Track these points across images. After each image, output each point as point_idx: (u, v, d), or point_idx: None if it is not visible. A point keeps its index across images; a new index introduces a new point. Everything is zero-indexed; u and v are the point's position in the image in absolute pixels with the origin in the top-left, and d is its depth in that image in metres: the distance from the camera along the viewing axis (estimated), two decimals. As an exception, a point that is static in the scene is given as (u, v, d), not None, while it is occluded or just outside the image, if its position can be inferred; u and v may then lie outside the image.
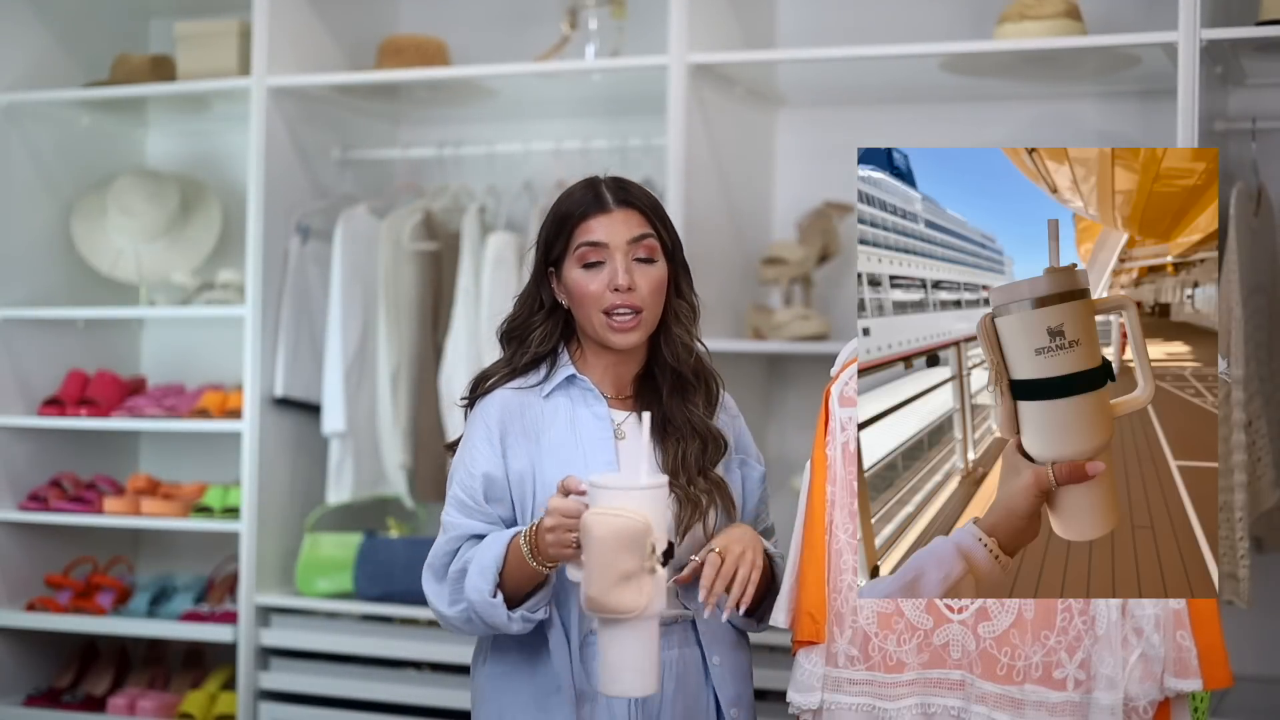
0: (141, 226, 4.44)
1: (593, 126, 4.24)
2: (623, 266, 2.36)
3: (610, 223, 2.38)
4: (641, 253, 2.38)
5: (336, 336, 4.16)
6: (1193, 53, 3.25)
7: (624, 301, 2.35)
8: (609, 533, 2.06)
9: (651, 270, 2.38)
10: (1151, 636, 2.23)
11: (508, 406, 2.41)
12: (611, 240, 2.37)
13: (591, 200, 2.39)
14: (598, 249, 2.37)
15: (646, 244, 2.38)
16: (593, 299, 2.36)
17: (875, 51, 3.62)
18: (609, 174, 2.47)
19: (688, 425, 2.42)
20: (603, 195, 2.40)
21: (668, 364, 2.43)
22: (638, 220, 2.39)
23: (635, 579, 2.06)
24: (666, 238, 2.42)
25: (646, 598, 2.07)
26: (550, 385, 2.42)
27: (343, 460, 4.18)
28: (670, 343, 2.43)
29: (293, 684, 4.10)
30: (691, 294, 2.47)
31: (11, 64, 4.36)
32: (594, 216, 2.38)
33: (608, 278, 2.36)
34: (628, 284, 2.35)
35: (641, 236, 2.38)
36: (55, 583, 4.38)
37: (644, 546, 2.06)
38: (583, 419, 2.40)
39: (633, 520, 2.05)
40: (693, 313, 2.46)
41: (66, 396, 4.39)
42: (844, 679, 2.40)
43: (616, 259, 2.36)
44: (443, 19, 4.44)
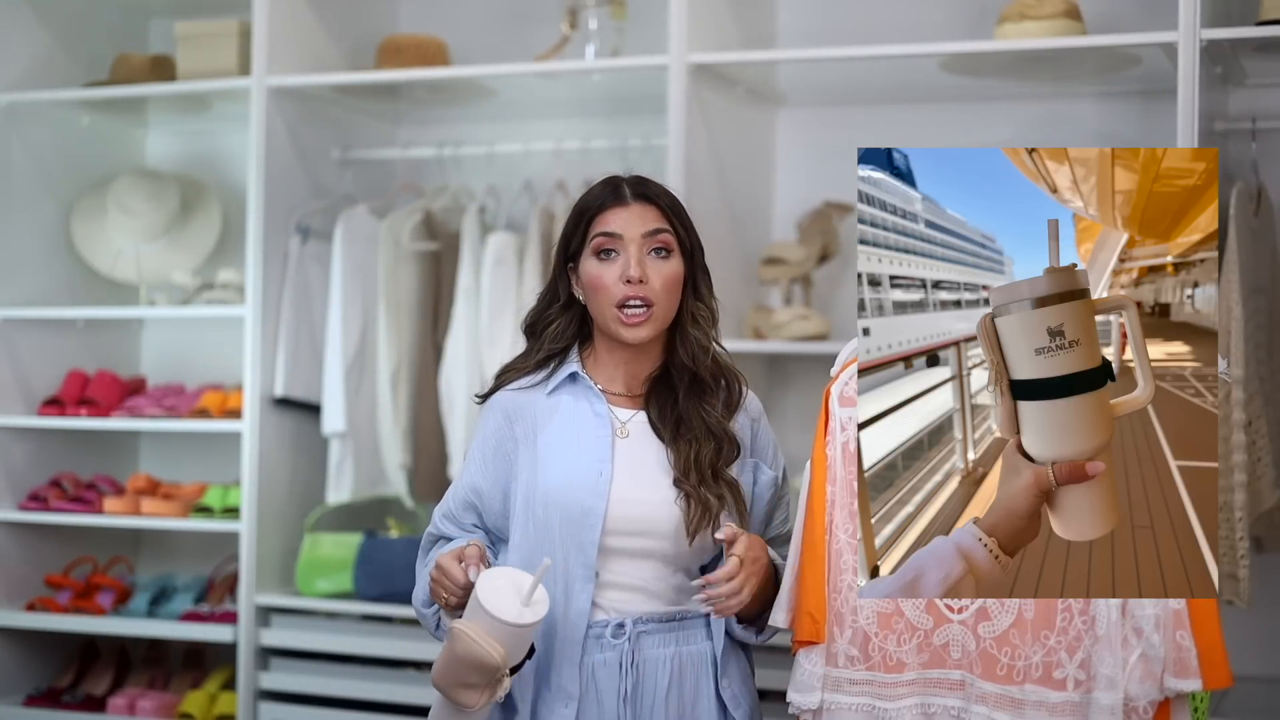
0: (141, 226, 4.44)
1: (593, 126, 4.24)
2: (635, 258, 2.37)
3: (626, 215, 2.40)
4: (657, 245, 2.39)
5: (336, 336, 4.16)
6: (1193, 53, 3.25)
7: (635, 293, 2.36)
8: (465, 653, 2.20)
9: (666, 265, 2.39)
10: (1151, 636, 2.23)
11: (508, 411, 2.44)
12: (626, 232, 2.38)
13: (610, 194, 2.42)
14: (612, 239, 2.38)
15: (662, 238, 2.40)
16: (605, 289, 2.37)
17: (875, 51, 3.62)
18: (632, 173, 2.49)
19: (702, 426, 2.42)
20: (621, 189, 2.43)
21: (684, 364, 2.43)
22: (654, 214, 2.41)
23: (476, 689, 2.23)
24: (685, 236, 2.44)
25: (484, 703, 2.24)
26: (554, 383, 2.44)
27: (343, 460, 4.18)
28: (686, 343, 2.43)
29: (293, 684, 4.10)
30: (711, 298, 2.48)
31: (11, 64, 4.36)
32: (611, 209, 2.41)
33: (620, 268, 2.37)
34: (640, 275, 2.36)
35: (657, 231, 2.40)
36: (55, 583, 4.38)
37: (492, 675, 2.21)
38: (582, 416, 2.41)
39: (489, 655, 2.19)
40: (711, 316, 2.47)
41: (66, 396, 4.39)
42: (844, 679, 2.40)
43: (630, 250, 2.37)
44: (443, 19, 4.44)
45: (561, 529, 2.36)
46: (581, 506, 2.36)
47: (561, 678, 2.36)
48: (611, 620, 2.37)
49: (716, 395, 2.45)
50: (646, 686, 2.37)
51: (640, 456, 2.41)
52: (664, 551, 2.40)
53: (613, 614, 2.38)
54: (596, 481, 2.36)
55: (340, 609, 4.09)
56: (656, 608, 2.39)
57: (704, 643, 2.42)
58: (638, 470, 2.40)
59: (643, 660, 2.37)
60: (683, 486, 2.37)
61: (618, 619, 2.37)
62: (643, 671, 2.37)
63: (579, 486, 2.36)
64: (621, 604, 2.38)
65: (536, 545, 2.37)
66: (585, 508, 2.36)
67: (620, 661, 2.36)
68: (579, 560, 2.36)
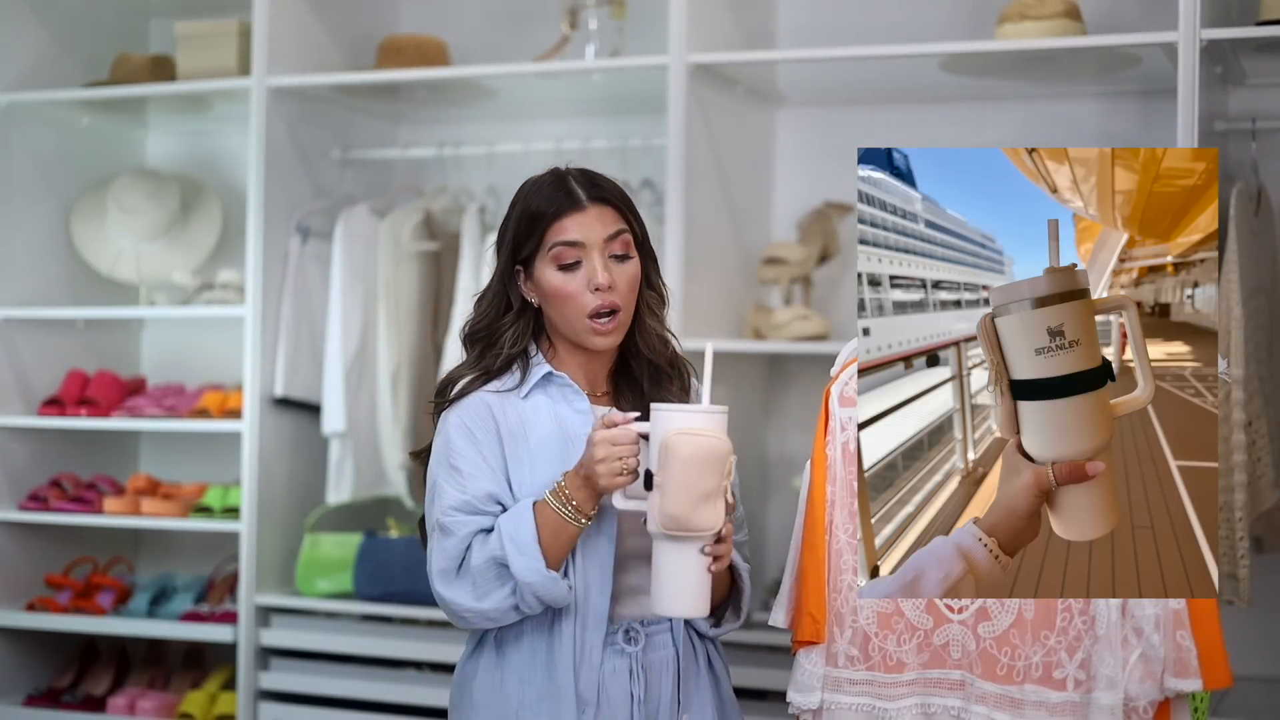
0: (141, 226, 4.44)
1: (593, 126, 4.23)
2: (601, 265, 2.30)
3: (585, 220, 2.31)
4: (617, 249, 2.32)
5: (336, 336, 4.15)
6: (1193, 53, 3.25)
7: (605, 302, 2.30)
8: (695, 452, 2.13)
9: (627, 267, 2.33)
10: (1151, 636, 2.23)
11: (494, 410, 2.33)
12: (588, 239, 2.30)
13: (565, 198, 2.32)
14: (574, 249, 2.30)
15: (622, 239, 2.33)
16: (572, 300, 2.30)
17: (875, 51, 3.62)
18: (570, 165, 2.40)
19: None
20: (575, 192, 2.33)
21: (645, 357, 2.39)
22: (612, 216, 2.33)
23: (713, 499, 2.15)
24: (638, 229, 2.37)
25: (720, 517, 2.17)
26: (528, 386, 2.35)
27: (343, 460, 4.18)
28: (645, 335, 2.38)
29: (293, 684, 4.10)
30: (659, 281, 2.42)
31: (11, 64, 4.36)
32: (568, 215, 2.31)
33: (585, 277, 2.30)
34: (608, 283, 2.29)
35: (617, 233, 2.32)
36: (55, 583, 4.38)
37: (725, 466, 2.15)
38: (566, 416, 2.34)
39: (718, 441, 2.15)
40: (662, 301, 2.41)
41: (66, 396, 4.39)
42: (844, 679, 2.40)
43: (594, 258, 2.30)
44: (443, 19, 4.44)
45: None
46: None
47: (579, 684, 2.30)
48: (621, 625, 2.34)
49: (674, 382, 2.41)
50: (652, 690, 2.34)
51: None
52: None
53: (622, 619, 2.34)
54: None
55: (340, 609, 4.09)
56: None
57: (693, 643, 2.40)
58: None
59: (649, 663, 2.34)
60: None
61: (627, 623, 2.34)
62: (649, 674, 2.34)
63: None
64: (633, 607, 2.34)
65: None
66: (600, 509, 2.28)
67: (630, 668, 2.33)
68: (597, 563, 2.31)
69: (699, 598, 2.21)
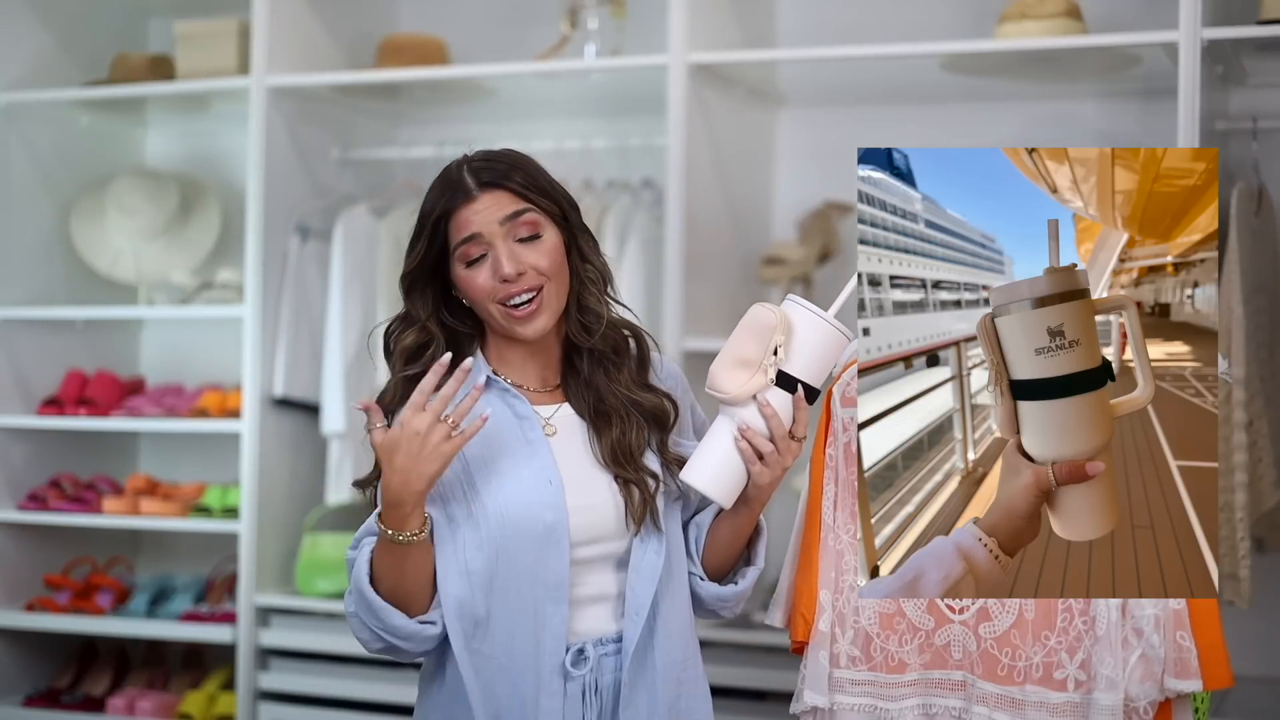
0: (141, 226, 4.44)
1: (593, 126, 4.23)
2: (505, 254, 2.15)
3: (478, 210, 2.16)
4: (522, 231, 2.17)
5: (336, 336, 4.15)
6: (1193, 52, 3.25)
7: (515, 289, 2.15)
8: (748, 318, 2.15)
9: (539, 246, 2.17)
10: (1151, 637, 2.22)
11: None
12: (485, 229, 2.16)
13: (452, 191, 2.19)
14: (475, 243, 2.16)
15: (526, 220, 2.17)
16: (485, 293, 2.16)
17: (875, 51, 3.62)
18: (473, 150, 2.25)
19: (623, 404, 2.22)
20: (464, 182, 2.18)
21: (582, 340, 2.23)
22: (508, 199, 2.17)
23: (746, 367, 2.13)
24: (550, 205, 2.20)
25: (743, 390, 2.13)
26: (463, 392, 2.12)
27: (342, 460, 4.18)
28: (584, 315, 2.22)
29: (292, 684, 4.10)
30: (596, 255, 2.25)
31: (11, 64, 4.36)
32: (461, 208, 2.17)
33: (491, 269, 2.16)
34: (514, 270, 2.15)
35: (515, 214, 2.17)
36: (54, 583, 4.38)
37: (766, 341, 2.13)
38: (505, 422, 2.19)
39: (768, 312, 2.14)
40: (601, 276, 2.25)
41: (66, 396, 4.38)
42: (846, 680, 2.39)
43: (497, 246, 2.16)
44: (443, 19, 4.44)
45: (524, 552, 2.13)
46: (543, 523, 2.13)
47: (540, 712, 2.14)
48: (573, 646, 2.17)
49: (625, 362, 2.26)
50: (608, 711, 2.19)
51: (572, 453, 2.20)
52: (617, 553, 2.21)
53: (575, 638, 2.18)
54: (548, 492, 2.15)
55: (340, 609, 4.08)
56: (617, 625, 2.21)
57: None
58: (575, 469, 2.19)
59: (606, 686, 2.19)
60: (617, 478, 2.19)
61: (578, 644, 2.18)
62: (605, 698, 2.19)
63: (534, 502, 2.14)
64: (591, 623, 2.19)
65: (502, 572, 2.14)
66: (547, 524, 2.14)
67: (583, 691, 2.17)
68: (547, 581, 2.14)
69: (714, 479, 2.15)
